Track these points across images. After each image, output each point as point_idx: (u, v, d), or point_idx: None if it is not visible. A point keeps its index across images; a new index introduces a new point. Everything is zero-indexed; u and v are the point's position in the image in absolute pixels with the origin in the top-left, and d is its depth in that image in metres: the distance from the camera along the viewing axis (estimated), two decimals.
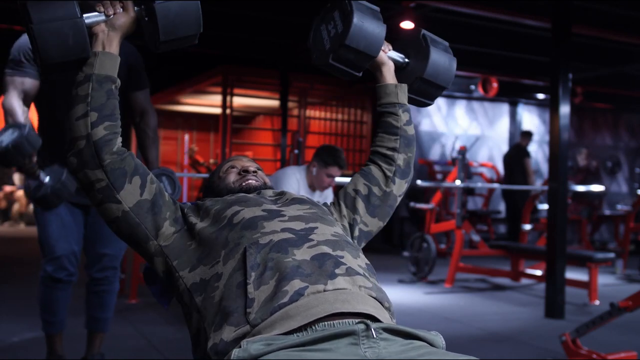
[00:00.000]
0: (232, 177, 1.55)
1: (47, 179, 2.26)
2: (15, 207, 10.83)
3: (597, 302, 4.94)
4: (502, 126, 10.46)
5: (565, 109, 4.61)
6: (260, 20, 6.74)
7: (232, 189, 1.51)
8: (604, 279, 6.09)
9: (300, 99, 9.72)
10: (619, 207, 7.79)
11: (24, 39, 2.44)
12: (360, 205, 1.51)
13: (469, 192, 8.05)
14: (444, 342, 1.11)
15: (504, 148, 10.11)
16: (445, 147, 9.79)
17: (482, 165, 9.38)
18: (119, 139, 1.32)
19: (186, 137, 10.68)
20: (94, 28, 1.34)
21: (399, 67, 1.65)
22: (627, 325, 3.97)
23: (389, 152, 1.56)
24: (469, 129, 10.09)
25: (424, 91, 1.63)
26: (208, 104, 11.68)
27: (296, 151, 6.60)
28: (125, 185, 1.30)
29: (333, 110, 10.01)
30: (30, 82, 2.42)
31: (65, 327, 2.71)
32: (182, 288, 1.25)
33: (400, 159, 1.56)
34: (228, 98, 9.06)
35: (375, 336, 1.02)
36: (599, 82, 9.36)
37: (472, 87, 9.31)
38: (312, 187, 3.62)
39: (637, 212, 7.58)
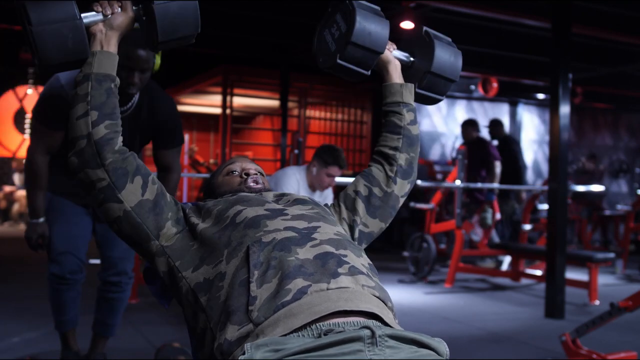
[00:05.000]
0: (233, 181, 1.54)
1: None
2: (15, 207, 10.83)
3: (597, 302, 4.94)
4: None
5: (565, 109, 4.61)
6: (260, 20, 6.73)
7: (232, 192, 1.51)
8: (604, 279, 6.09)
9: (300, 99, 9.72)
10: (619, 207, 7.79)
11: (54, 82, 2.27)
12: (360, 206, 1.50)
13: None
14: (447, 349, 1.10)
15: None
16: (445, 147, 9.79)
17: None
18: (120, 138, 1.32)
19: (186, 137, 10.66)
20: (92, 28, 1.34)
21: (404, 67, 1.65)
22: (627, 325, 3.97)
23: (390, 152, 1.55)
24: None
25: (434, 85, 1.63)
26: (208, 104, 11.68)
27: (296, 151, 6.60)
28: (127, 184, 1.29)
29: (333, 110, 10.01)
30: (59, 136, 2.33)
31: (78, 325, 2.71)
32: (186, 289, 1.24)
33: (402, 158, 1.55)
34: (228, 98, 9.06)
35: (380, 343, 1.01)
36: (599, 82, 9.36)
37: (472, 87, 9.31)
38: (312, 187, 3.62)
39: (637, 212, 7.59)
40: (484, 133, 7.41)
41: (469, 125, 6.81)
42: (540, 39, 6.72)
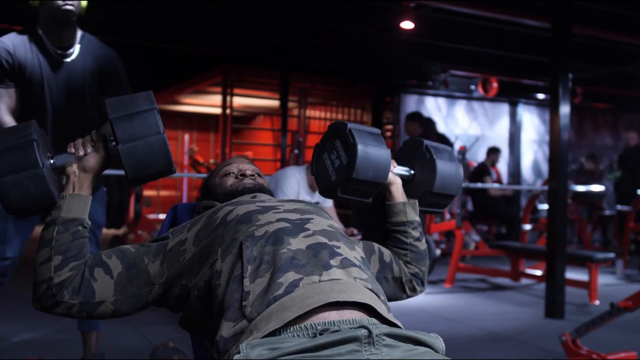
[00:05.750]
0: (229, 181, 1.55)
1: None
2: None
3: (597, 302, 4.94)
4: (502, 126, 10.46)
5: (565, 109, 4.61)
6: (260, 20, 6.73)
7: (228, 192, 1.51)
8: (604, 279, 6.09)
9: (300, 99, 9.72)
10: (619, 207, 7.79)
11: None
12: (374, 263, 1.49)
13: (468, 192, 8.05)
14: (443, 345, 1.10)
15: (504, 148, 10.11)
16: None
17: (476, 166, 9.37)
18: (88, 270, 1.28)
19: (186, 137, 10.68)
20: (67, 169, 1.32)
21: (406, 181, 1.63)
22: (627, 325, 3.97)
23: (402, 264, 1.55)
24: (469, 129, 10.08)
25: (435, 203, 1.62)
26: (208, 104, 11.69)
27: (296, 151, 6.60)
28: (95, 288, 1.26)
29: (333, 110, 10.01)
30: (14, 94, 2.40)
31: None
32: (192, 297, 1.25)
33: (413, 270, 1.55)
34: (228, 98, 9.06)
35: (377, 343, 1.01)
36: (599, 82, 9.36)
37: (472, 87, 9.31)
38: (312, 187, 3.62)
39: (637, 212, 7.58)
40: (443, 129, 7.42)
41: (413, 119, 6.39)
42: (540, 39, 6.72)
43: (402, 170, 1.62)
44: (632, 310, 2.95)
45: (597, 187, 6.99)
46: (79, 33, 2.49)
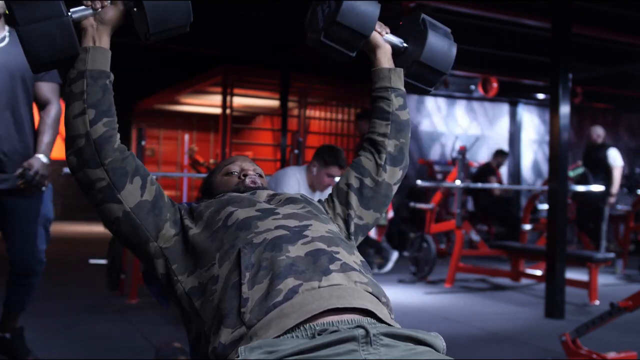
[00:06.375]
0: (231, 182, 1.53)
1: None
2: None
3: (597, 302, 4.93)
4: (502, 126, 10.47)
5: (565, 109, 4.61)
6: (260, 20, 6.73)
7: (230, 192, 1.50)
8: (604, 279, 6.09)
9: (300, 99, 9.72)
10: (619, 207, 7.78)
11: None
12: (353, 198, 1.48)
13: (468, 192, 8.05)
14: (444, 344, 1.10)
15: (504, 148, 10.12)
16: (445, 147, 9.79)
17: (481, 165, 9.38)
18: (118, 135, 1.30)
19: (186, 137, 10.67)
20: (83, 22, 1.30)
21: (396, 52, 1.60)
22: (627, 325, 3.97)
23: (379, 139, 1.51)
24: (469, 129, 10.09)
25: (422, 75, 1.58)
26: (208, 104, 11.69)
27: (296, 151, 6.59)
28: (127, 185, 1.27)
29: (333, 110, 10.01)
30: None
31: None
32: (180, 292, 1.24)
33: (390, 145, 1.50)
34: (228, 98, 9.06)
35: (375, 342, 1.00)
36: (599, 82, 9.36)
37: (472, 87, 9.31)
38: (313, 187, 3.62)
39: (637, 212, 7.58)
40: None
41: (364, 118, 6.11)
42: (540, 39, 6.72)
43: (394, 39, 1.59)
44: (632, 310, 2.95)
45: (597, 187, 6.98)
46: (7, 27, 2.64)
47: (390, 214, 6.49)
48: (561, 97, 4.59)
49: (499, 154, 8.35)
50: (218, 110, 10.41)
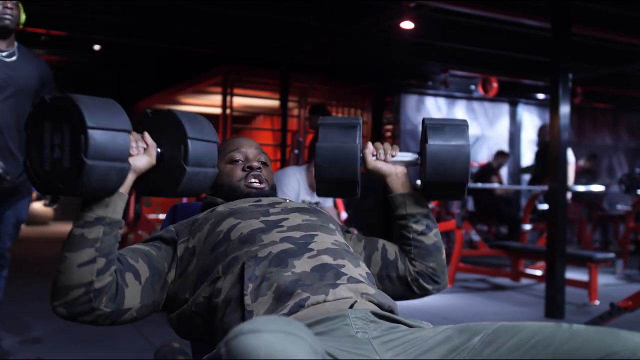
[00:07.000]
0: (235, 174, 1.48)
1: None
2: None
3: (597, 302, 4.93)
4: (502, 126, 10.46)
5: (565, 109, 4.61)
6: (260, 20, 6.73)
7: (234, 189, 1.47)
8: (604, 279, 6.09)
9: (300, 99, 9.72)
10: (619, 207, 7.78)
11: None
12: (376, 261, 1.43)
13: (468, 192, 8.06)
14: None
15: (504, 148, 10.11)
16: None
17: (482, 165, 9.38)
18: (119, 278, 1.21)
19: None
20: None
21: (415, 165, 1.46)
22: (627, 325, 3.96)
23: (406, 262, 1.43)
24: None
25: (440, 193, 1.41)
26: (208, 104, 11.69)
27: (296, 151, 6.60)
28: (125, 295, 1.20)
29: (333, 110, 10.01)
30: None
31: None
32: (189, 312, 1.24)
33: (419, 266, 1.42)
34: (228, 98, 9.06)
35: (366, 319, 1.05)
36: (599, 82, 9.36)
37: (472, 87, 9.31)
38: (312, 187, 3.62)
39: (637, 212, 7.58)
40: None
41: (316, 113, 5.55)
42: (540, 39, 6.71)
43: (406, 156, 1.45)
44: (632, 310, 2.95)
45: (597, 187, 6.98)
46: (15, 43, 2.79)
47: (344, 215, 6.49)
48: (561, 97, 4.59)
49: (500, 155, 8.36)
50: (218, 110, 10.41)
